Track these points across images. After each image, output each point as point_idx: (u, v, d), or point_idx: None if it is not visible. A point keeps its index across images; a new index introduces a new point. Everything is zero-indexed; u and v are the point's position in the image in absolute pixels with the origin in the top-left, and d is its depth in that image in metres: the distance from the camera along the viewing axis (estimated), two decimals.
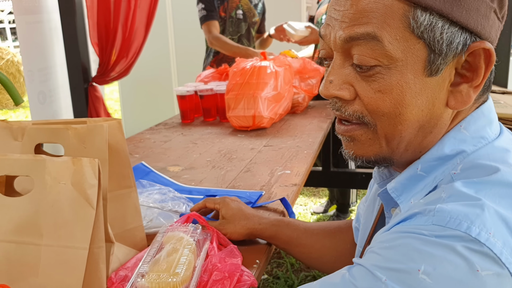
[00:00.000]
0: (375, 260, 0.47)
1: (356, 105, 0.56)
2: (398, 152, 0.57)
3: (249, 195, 1.16)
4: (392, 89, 0.52)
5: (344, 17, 0.53)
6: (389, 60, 0.51)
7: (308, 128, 1.88)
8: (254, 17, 2.64)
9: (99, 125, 0.78)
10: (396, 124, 0.54)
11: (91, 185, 0.69)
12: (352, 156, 0.59)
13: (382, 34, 0.50)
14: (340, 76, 0.55)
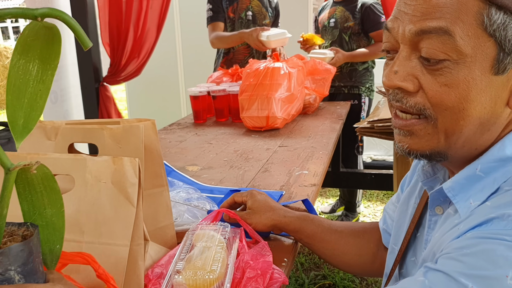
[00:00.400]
0: (458, 267, 0.47)
1: (418, 97, 0.56)
2: (454, 148, 0.57)
3: (271, 195, 1.17)
4: (459, 84, 0.52)
5: (416, 11, 0.53)
6: (458, 55, 0.51)
7: (321, 129, 1.90)
8: (265, 20, 2.65)
9: (135, 126, 0.79)
10: (458, 119, 0.54)
11: (132, 183, 0.71)
12: (406, 150, 0.60)
13: (454, 29, 0.51)
14: (405, 67, 0.56)
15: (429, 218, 0.65)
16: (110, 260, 0.69)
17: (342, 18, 2.62)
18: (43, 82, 0.46)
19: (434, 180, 0.67)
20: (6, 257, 0.44)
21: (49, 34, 0.45)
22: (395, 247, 0.78)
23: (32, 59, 0.46)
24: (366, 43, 2.65)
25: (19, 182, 0.49)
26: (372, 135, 1.66)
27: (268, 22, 2.67)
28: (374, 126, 1.62)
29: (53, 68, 0.46)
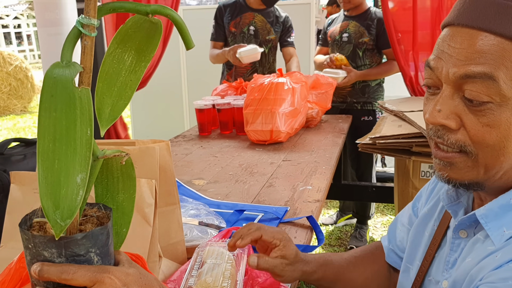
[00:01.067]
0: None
1: (459, 134, 0.59)
2: (493, 179, 0.60)
3: (276, 211, 1.22)
4: (501, 125, 0.55)
5: (460, 55, 0.56)
6: (501, 98, 0.55)
7: (323, 143, 1.94)
8: (269, 35, 2.69)
9: (151, 147, 0.84)
10: (499, 156, 0.57)
11: (149, 204, 0.75)
12: (445, 178, 0.63)
13: (498, 74, 0.54)
14: (448, 106, 0.59)
15: (452, 241, 0.68)
16: None
17: (356, 33, 2.59)
18: (135, 73, 0.47)
19: (458, 204, 0.70)
20: (88, 240, 0.47)
21: (153, 28, 0.47)
22: (410, 266, 0.81)
23: (129, 49, 0.47)
24: (379, 59, 2.65)
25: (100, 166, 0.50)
26: (374, 151, 1.70)
27: (273, 38, 2.71)
28: (376, 143, 1.66)
29: (147, 60, 0.48)
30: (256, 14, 2.67)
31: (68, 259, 0.47)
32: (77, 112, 0.42)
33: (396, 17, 2.40)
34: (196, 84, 4.09)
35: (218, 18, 2.71)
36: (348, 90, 2.66)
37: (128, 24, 0.48)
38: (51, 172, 0.42)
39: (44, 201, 0.42)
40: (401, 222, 0.89)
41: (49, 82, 0.42)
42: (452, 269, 0.68)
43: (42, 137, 0.42)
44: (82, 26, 0.44)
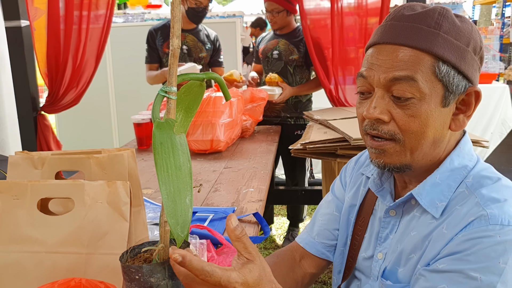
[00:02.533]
0: (466, 265, 0.66)
1: (390, 126, 0.75)
2: (417, 160, 0.76)
3: (224, 211, 1.35)
4: (421, 115, 0.72)
5: (387, 64, 0.73)
6: (421, 94, 0.72)
7: (259, 151, 2.11)
8: (201, 53, 2.83)
9: (119, 154, 0.94)
10: (420, 139, 0.74)
11: (125, 203, 0.85)
12: (381, 164, 0.78)
13: (417, 76, 0.71)
14: (381, 104, 0.75)
15: (383, 219, 0.85)
16: (109, 267, 0.82)
17: (286, 50, 2.74)
18: (183, 127, 0.63)
19: (383, 190, 0.87)
20: None
21: (200, 90, 0.63)
22: (342, 249, 0.97)
23: (180, 110, 0.63)
24: (307, 75, 2.83)
25: None
26: (305, 155, 1.90)
27: (205, 55, 2.85)
28: (306, 148, 1.85)
29: (192, 115, 0.64)
30: (187, 34, 2.80)
31: (169, 279, 0.58)
32: (179, 152, 0.58)
33: (315, 34, 2.66)
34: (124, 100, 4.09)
35: (151, 42, 2.82)
36: (281, 106, 2.81)
37: (182, 90, 0.63)
38: (169, 196, 0.56)
39: (169, 219, 0.55)
40: (322, 213, 1.02)
41: (157, 135, 0.58)
42: (385, 242, 0.84)
43: (160, 172, 0.56)
44: (166, 92, 0.60)
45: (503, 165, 4.57)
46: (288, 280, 0.95)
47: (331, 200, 1.03)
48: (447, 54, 0.72)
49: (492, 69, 3.96)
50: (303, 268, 0.99)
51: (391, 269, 0.81)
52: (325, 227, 1.00)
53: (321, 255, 0.99)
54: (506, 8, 6.52)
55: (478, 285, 0.65)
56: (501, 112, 3.76)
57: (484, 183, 0.74)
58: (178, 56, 0.60)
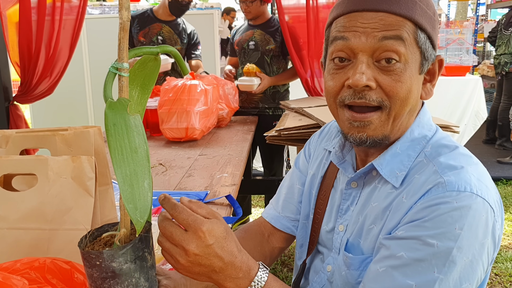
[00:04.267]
0: (423, 231, 0.66)
1: (377, 92, 0.73)
2: (394, 131, 0.76)
3: (197, 194, 1.34)
4: (406, 80, 0.72)
5: (376, 26, 0.71)
6: (405, 59, 0.72)
7: (235, 139, 2.11)
8: (176, 45, 2.82)
9: (85, 131, 0.92)
10: (404, 106, 0.73)
11: (90, 178, 0.84)
12: (364, 137, 0.75)
13: (405, 37, 0.71)
14: (368, 71, 0.72)
15: (344, 191, 0.85)
16: (72, 242, 0.80)
17: (262, 41, 2.73)
18: (141, 104, 0.59)
19: (345, 162, 0.87)
20: (142, 242, 0.58)
21: (154, 64, 0.59)
22: (305, 222, 0.97)
23: (135, 86, 0.59)
24: (285, 65, 2.83)
25: None
26: (280, 142, 1.90)
27: (179, 48, 2.83)
28: (281, 134, 1.86)
29: (149, 92, 0.60)
30: (163, 25, 2.78)
31: (132, 262, 0.57)
32: (134, 133, 0.54)
33: (293, 29, 2.67)
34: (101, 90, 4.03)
35: None
36: (260, 96, 2.81)
37: (135, 66, 0.60)
38: (125, 180, 0.53)
39: (127, 205, 0.52)
40: (286, 186, 1.02)
41: (109, 115, 0.54)
42: (346, 214, 0.85)
43: (114, 155, 0.53)
44: (117, 69, 0.57)
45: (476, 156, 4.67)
46: (256, 254, 0.94)
47: (294, 174, 1.02)
48: (424, 22, 0.73)
49: (466, 62, 4.03)
50: (271, 243, 1.00)
51: (352, 242, 0.81)
52: (289, 201, 1.00)
53: (287, 229, 0.99)
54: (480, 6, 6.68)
55: (434, 251, 0.65)
56: (474, 104, 3.83)
57: (442, 151, 0.75)
58: (127, 29, 0.57)
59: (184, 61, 2.94)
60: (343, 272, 0.81)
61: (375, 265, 0.72)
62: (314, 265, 0.94)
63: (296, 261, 1.00)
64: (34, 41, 2.39)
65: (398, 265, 0.68)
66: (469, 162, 0.73)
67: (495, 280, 2.50)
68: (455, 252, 0.65)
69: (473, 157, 0.75)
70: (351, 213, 0.84)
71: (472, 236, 0.66)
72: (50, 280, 0.64)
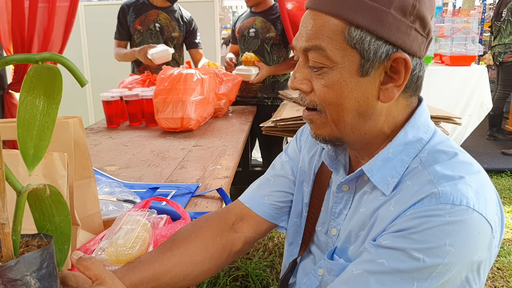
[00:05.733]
0: (409, 244, 0.61)
1: (312, 96, 0.71)
2: (346, 133, 0.72)
3: (188, 187, 1.30)
4: (334, 85, 0.68)
5: (304, 33, 0.69)
6: (331, 63, 0.67)
7: (231, 130, 2.06)
8: (174, 32, 2.76)
9: (64, 122, 0.88)
10: (339, 111, 0.69)
11: (61, 175, 0.79)
12: (313, 135, 0.75)
13: (326, 45, 0.66)
14: (301, 74, 0.71)
15: (336, 194, 0.80)
16: None
17: (263, 28, 2.64)
18: (48, 115, 0.53)
19: (337, 163, 0.81)
20: (22, 265, 0.51)
21: (51, 73, 0.52)
22: (296, 220, 0.92)
23: (38, 95, 0.52)
24: (286, 53, 2.74)
25: (29, 196, 0.56)
26: (276, 133, 1.85)
27: (177, 35, 2.77)
28: (277, 125, 1.81)
29: (57, 102, 0.53)
30: (160, 12, 2.72)
31: (6, 286, 0.50)
32: None
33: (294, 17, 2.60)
34: (100, 78, 4.00)
35: (121, 18, 2.74)
36: (258, 86, 2.74)
37: (30, 74, 0.52)
38: None
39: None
40: (275, 175, 0.95)
41: None
42: (338, 218, 0.80)
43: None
44: None
45: (481, 148, 4.61)
46: (215, 246, 0.87)
47: (286, 162, 0.96)
48: (358, 17, 0.64)
49: (472, 51, 3.93)
50: (238, 231, 0.91)
51: (342, 247, 0.77)
52: (278, 189, 0.93)
53: (268, 216, 0.92)
54: None
55: (420, 266, 0.60)
56: (479, 94, 3.75)
57: (439, 158, 0.68)
58: None
59: (183, 49, 2.89)
60: (325, 278, 0.77)
61: (352, 266, 0.67)
62: (304, 265, 0.90)
63: (286, 258, 0.96)
64: (26, 29, 2.34)
65: (376, 271, 0.63)
66: (469, 171, 0.66)
67: (497, 274, 2.46)
68: (441, 268, 0.60)
69: (474, 165, 0.68)
70: (344, 217, 0.79)
71: (464, 253, 0.60)
72: None
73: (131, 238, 0.87)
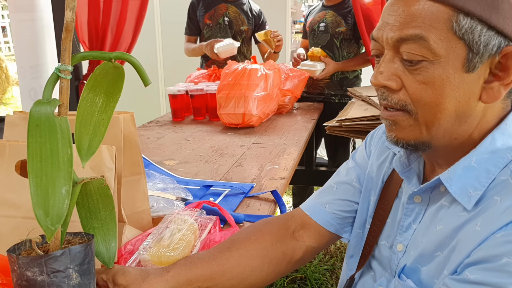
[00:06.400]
0: (505, 278, 0.52)
1: (401, 94, 0.62)
2: (436, 137, 0.63)
3: (242, 186, 1.26)
4: (435, 81, 0.59)
5: (396, 21, 0.60)
6: (433, 56, 0.58)
7: (294, 127, 1.99)
8: (243, 26, 2.74)
9: (115, 117, 0.86)
10: (436, 113, 0.60)
11: (109, 168, 0.78)
12: (394, 139, 0.65)
13: (428, 35, 0.57)
14: (389, 68, 0.62)
15: (406, 206, 0.71)
16: None
17: (333, 22, 2.54)
18: (105, 112, 0.56)
19: (410, 170, 0.72)
20: (67, 257, 0.53)
21: (116, 72, 0.56)
22: (359, 231, 0.84)
23: (99, 93, 0.56)
24: (356, 49, 2.62)
25: (79, 191, 0.58)
26: (340, 133, 1.76)
27: (246, 29, 2.74)
28: (342, 125, 1.72)
29: (115, 100, 0.56)
30: (229, 5, 2.71)
31: (49, 276, 0.52)
32: (58, 136, 0.50)
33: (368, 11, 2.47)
34: (172, 71, 4.11)
35: (191, 13, 2.77)
36: (326, 82, 2.64)
37: (96, 72, 0.56)
38: (40, 186, 0.49)
39: (36, 210, 0.48)
40: (340, 182, 0.88)
41: (34, 115, 0.51)
42: (406, 232, 0.71)
43: (31, 158, 0.49)
44: (59, 71, 0.53)
45: None
46: (272, 251, 0.81)
47: (352, 168, 0.88)
48: (469, 3, 0.56)
49: None
50: (299, 239, 0.85)
51: (412, 267, 0.67)
52: (341, 197, 0.86)
53: (329, 226, 0.85)
54: None
55: None
56: None
57: None
58: (71, 30, 0.52)
59: (251, 43, 2.86)
60: None
61: None
62: (363, 282, 0.81)
63: (344, 272, 0.89)
64: (101, 22, 2.43)
65: None
66: None
67: None
68: None
69: None
70: (413, 232, 0.70)
71: None
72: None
73: (175, 239, 0.85)
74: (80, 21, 2.45)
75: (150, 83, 0.57)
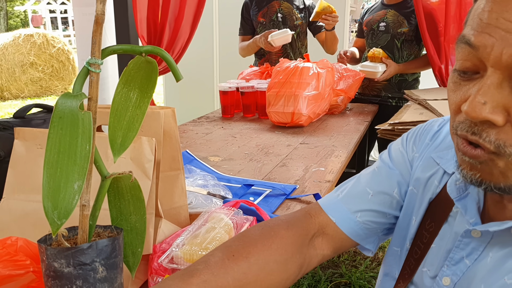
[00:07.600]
0: None
1: (502, 132, 0.47)
2: None
3: (284, 188, 1.23)
4: None
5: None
6: None
7: (344, 129, 1.93)
8: (296, 21, 2.70)
9: (156, 112, 0.86)
10: None
11: (148, 160, 0.78)
12: (476, 179, 0.51)
13: None
14: (495, 97, 0.46)
15: (460, 239, 0.61)
16: None
17: (395, 22, 2.43)
18: (139, 108, 0.55)
19: (467, 197, 0.62)
20: (93, 250, 0.54)
21: (149, 67, 0.55)
22: (397, 249, 0.74)
23: (133, 88, 0.55)
24: (417, 51, 2.50)
25: (110, 190, 0.59)
26: (393, 137, 1.68)
27: (300, 23, 2.71)
28: (395, 129, 1.64)
29: (149, 96, 0.55)
30: (282, 2, 2.69)
31: (75, 268, 0.53)
32: (79, 130, 0.50)
33: (432, 11, 2.34)
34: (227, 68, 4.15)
35: (245, 13, 2.78)
36: (383, 84, 2.53)
37: (130, 66, 0.55)
38: (53, 178, 0.49)
39: (45, 202, 0.48)
40: (378, 192, 0.75)
41: (59, 107, 0.51)
42: (456, 266, 0.62)
43: (49, 149, 0.49)
44: (89, 65, 0.53)
45: None
46: (291, 265, 0.68)
47: (393, 174, 0.75)
48: None
49: None
50: (318, 247, 0.73)
51: None
52: (378, 208, 0.74)
53: (355, 236, 0.74)
54: None
55: None
56: None
57: None
58: (101, 23, 0.51)
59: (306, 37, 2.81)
60: None
61: None
62: None
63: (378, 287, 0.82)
64: (160, 17, 2.49)
65: None
66: None
67: None
68: None
69: None
70: (466, 269, 0.60)
71: None
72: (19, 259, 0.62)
73: (208, 237, 0.84)
74: (140, 16, 2.51)
75: (182, 78, 0.56)
